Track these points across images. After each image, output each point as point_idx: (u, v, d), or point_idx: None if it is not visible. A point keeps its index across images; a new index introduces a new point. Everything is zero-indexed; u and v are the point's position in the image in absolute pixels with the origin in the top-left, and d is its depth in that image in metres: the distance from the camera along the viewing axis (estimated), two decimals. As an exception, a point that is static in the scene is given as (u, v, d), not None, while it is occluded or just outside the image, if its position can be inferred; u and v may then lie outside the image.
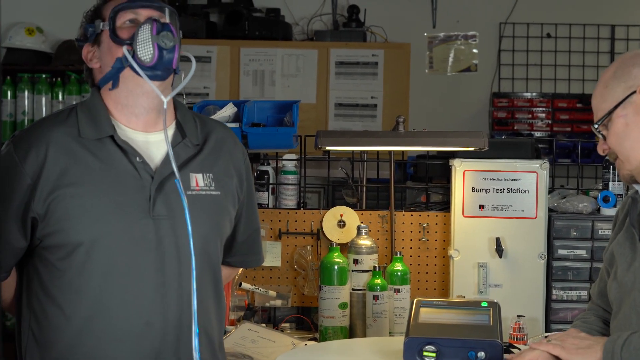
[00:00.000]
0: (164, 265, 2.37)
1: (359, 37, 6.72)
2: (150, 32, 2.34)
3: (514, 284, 3.56)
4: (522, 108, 6.86)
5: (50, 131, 2.40)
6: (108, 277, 2.35)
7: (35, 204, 2.34)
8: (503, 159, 3.59)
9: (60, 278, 2.37)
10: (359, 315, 3.50)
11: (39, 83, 6.52)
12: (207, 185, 2.46)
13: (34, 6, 6.79)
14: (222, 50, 6.64)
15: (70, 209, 2.34)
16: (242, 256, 2.73)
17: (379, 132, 4.51)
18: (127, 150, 2.38)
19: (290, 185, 3.80)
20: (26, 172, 2.34)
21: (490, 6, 6.95)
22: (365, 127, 6.60)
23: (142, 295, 2.37)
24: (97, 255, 2.34)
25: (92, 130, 2.39)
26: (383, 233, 3.70)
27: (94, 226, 2.34)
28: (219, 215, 2.50)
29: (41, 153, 2.36)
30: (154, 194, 2.37)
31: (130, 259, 2.36)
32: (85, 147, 2.38)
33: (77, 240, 2.34)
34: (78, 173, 2.35)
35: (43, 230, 2.36)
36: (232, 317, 3.58)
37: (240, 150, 2.61)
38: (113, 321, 2.36)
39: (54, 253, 2.37)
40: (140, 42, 2.34)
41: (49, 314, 2.39)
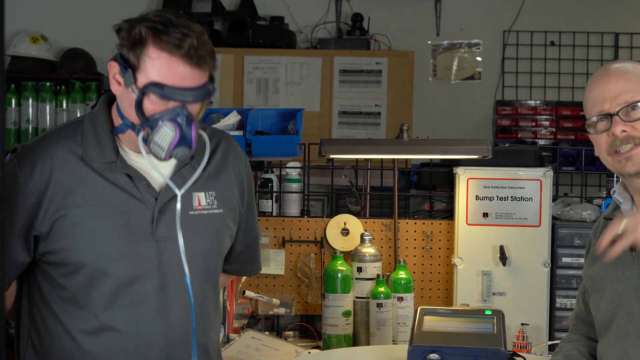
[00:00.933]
0: (166, 286, 2.38)
1: (363, 45, 6.73)
2: (169, 143, 2.25)
3: (518, 292, 3.56)
4: (526, 116, 6.86)
5: (55, 148, 2.36)
6: (110, 297, 2.35)
7: (39, 222, 2.33)
8: (507, 167, 3.59)
9: (61, 293, 2.37)
10: (362, 323, 3.50)
11: (43, 91, 6.54)
12: (209, 204, 2.45)
13: (39, 14, 6.81)
14: (226, 58, 6.65)
15: (74, 230, 2.33)
16: (240, 265, 2.73)
17: (383, 140, 4.52)
18: (132, 175, 2.37)
19: (294, 193, 3.80)
20: (31, 190, 2.32)
21: (494, 14, 6.96)
22: (369, 135, 6.60)
23: (145, 316, 2.37)
24: (100, 276, 2.34)
25: (97, 154, 2.36)
26: (387, 241, 3.70)
27: (98, 248, 2.33)
28: (221, 233, 2.50)
29: (46, 171, 2.33)
30: (157, 216, 2.37)
31: (133, 281, 2.36)
32: (90, 167, 2.35)
33: (80, 261, 2.34)
34: (83, 194, 2.33)
35: (45, 248, 2.35)
36: (236, 325, 3.58)
37: (242, 161, 2.59)
38: (114, 339, 2.36)
39: (56, 269, 2.37)
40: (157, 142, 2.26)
41: (49, 326, 2.39)
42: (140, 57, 2.25)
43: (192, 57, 2.23)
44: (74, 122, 2.45)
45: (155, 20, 2.26)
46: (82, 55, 6.64)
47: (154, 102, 2.25)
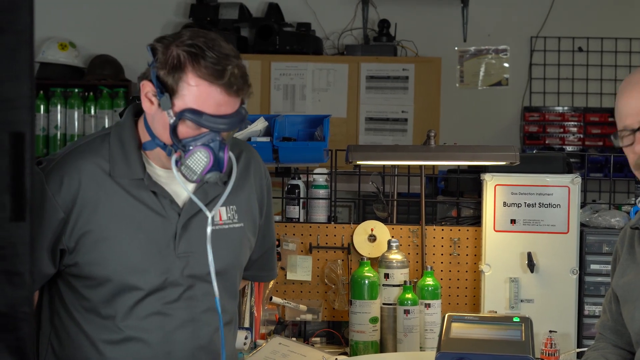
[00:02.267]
0: (187, 300, 2.40)
1: (390, 51, 6.73)
2: (202, 168, 2.26)
3: (546, 299, 3.54)
4: (554, 122, 6.84)
5: (82, 163, 2.37)
6: (134, 310, 2.37)
7: (66, 237, 2.35)
8: (534, 174, 3.57)
9: (84, 304, 2.39)
10: (389, 329, 3.49)
11: (71, 97, 6.58)
12: (230, 218, 2.47)
13: (67, 21, 6.85)
14: (253, 64, 6.67)
15: (99, 245, 2.35)
16: (256, 271, 2.75)
17: (410, 147, 4.51)
18: (157, 192, 2.38)
19: (320, 199, 3.80)
20: (59, 205, 2.33)
21: (521, 20, 6.94)
22: (396, 141, 6.59)
23: (168, 327, 2.39)
24: (124, 290, 2.37)
25: (124, 170, 2.37)
26: (414, 247, 3.69)
27: (123, 264, 2.35)
28: (241, 247, 2.52)
29: (73, 186, 2.34)
30: (180, 232, 2.38)
31: (157, 295, 2.38)
32: (116, 182, 2.37)
33: (105, 276, 2.36)
34: (109, 210, 2.35)
35: (71, 261, 2.37)
36: (263, 331, 3.58)
37: (262, 172, 2.60)
38: (138, 351, 2.38)
39: (80, 281, 2.39)
40: (190, 166, 2.27)
41: (71, 334, 2.41)
42: (178, 83, 2.23)
43: (232, 86, 2.24)
44: (101, 135, 2.44)
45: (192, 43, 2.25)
46: (109, 62, 6.68)
47: (189, 127, 2.25)
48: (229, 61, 2.24)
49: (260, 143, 3.56)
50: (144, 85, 2.29)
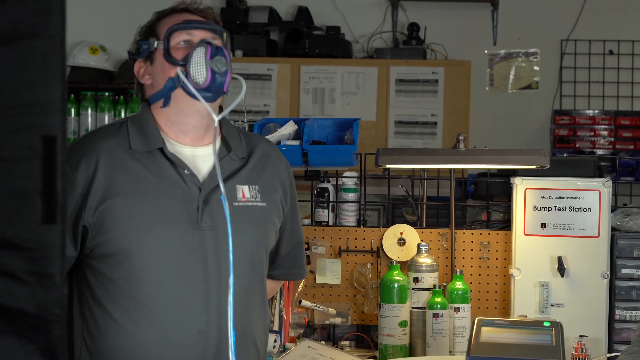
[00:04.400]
0: (213, 275, 2.40)
1: (419, 54, 6.72)
2: (204, 55, 2.39)
3: (576, 303, 3.52)
4: (584, 126, 6.80)
5: (101, 142, 2.44)
6: (159, 286, 2.38)
7: (86, 213, 2.37)
8: (565, 177, 3.55)
9: (111, 287, 2.40)
10: (419, 333, 3.49)
11: (101, 101, 6.61)
12: (253, 196, 2.50)
13: (97, 25, 6.89)
14: (282, 68, 6.68)
15: (119, 218, 2.37)
16: (286, 269, 2.75)
17: (440, 150, 4.50)
18: (176, 162, 2.43)
19: (350, 202, 3.80)
20: (78, 181, 2.38)
21: (551, 23, 6.91)
22: (426, 144, 6.58)
23: (194, 305, 2.39)
24: (148, 265, 2.37)
25: (142, 143, 2.44)
26: (443, 251, 3.68)
27: (144, 235, 2.37)
28: (265, 226, 2.53)
29: (92, 163, 2.39)
30: (202, 206, 2.40)
31: (181, 269, 2.39)
32: (135, 158, 2.42)
33: (127, 249, 2.37)
34: (127, 183, 2.39)
35: (93, 240, 2.39)
36: (292, 334, 3.58)
37: (283, 163, 2.65)
38: (165, 330, 2.38)
39: (104, 262, 2.40)
40: (194, 64, 2.39)
41: (101, 324, 2.42)
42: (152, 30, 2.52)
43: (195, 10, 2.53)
44: (119, 121, 2.54)
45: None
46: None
47: (179, 48, 2.44)
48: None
49: (290, 146, 3.56)
50: (135, 66, 2.55)
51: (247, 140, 2.58)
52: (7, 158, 1.41)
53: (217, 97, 2.43)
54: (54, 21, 1.38)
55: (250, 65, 6.62)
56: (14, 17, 1.38)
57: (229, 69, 2.41)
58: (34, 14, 1.37)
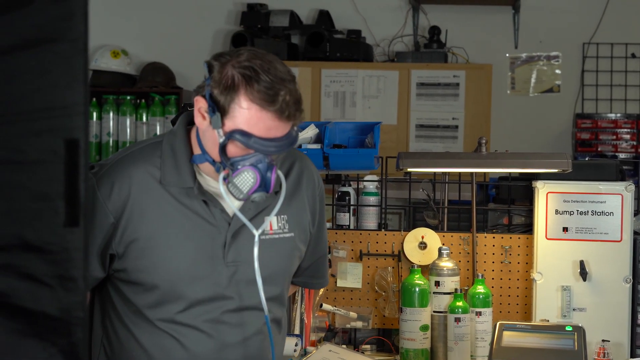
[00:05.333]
0: (238, 308, 2.41)
1: (440, 58, 6.71)
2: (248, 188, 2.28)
3: (599, 308, 3.50)
4: (606, 129, 6.77)
5: (133, 170, 2.39)
6: (183, 317, 2.39)
7: (116, 243, 2.37)
8: (587, 181, 3.54)
9: (134, 310, 2.42)
10: (440, 337, 3.48)
11: (123, 104, 6.64)
12: (280, 228, 2.48)
13: (119, 30, 6.92)
14: (303, 71, 6.68)
15: (148, 252, 2.37)
16: (307, 278, 2.75)
17: (461, 154, 4.49)
18: (208, 201, 2.40)
19: (371, 206, 3.79)
20: (109, 210, 2.36)
21: (573, 26, 6.88)
22: (447, 148, 6.57)
23: (217, 335, 2.41)
24: (172, 298, 2.38)
25: (174, 179, 2.38)
26: (465, 255, 3.67)
27: (171, 271, 2.37)
28: (290, 256, 2.53)
29: (124, 193, 2.36)
30: (229, 241, 2.40)
31: (205, 303, 2.40)
32: (167, 190, 2.39)
33: (153, 283, 2.38)
34: (158, 217, 2.37)
35: (120, 266, 2.40)
36: (313, 338, 3.58)
37: (315, 181, 2.60)
38: (187, 353, 2.40)
39: (129, 287, 2.41)
40: (237, 185, 2.28)
41: (121, 337, 2.44)
42: (230, 104, 2.24)
43: (283, 112, 2.24)
44: (153, 142, 2.46)
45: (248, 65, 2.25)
46: (161, 69, 6.73)
47: (238, 147, 2.26)
48: (282, 86, 2.24)
49: (311, 150, 3.56)
50: (198, 101, 2.31)
51: (283, 158, 2.51)
52: (30, 161, 1.41)
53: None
54: (77, 25, 1.38)
55: (271, 69, 6.62)
56: (37, 21, 1.38)
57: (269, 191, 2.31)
58: (57, 18, 1.38)
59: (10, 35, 1.39)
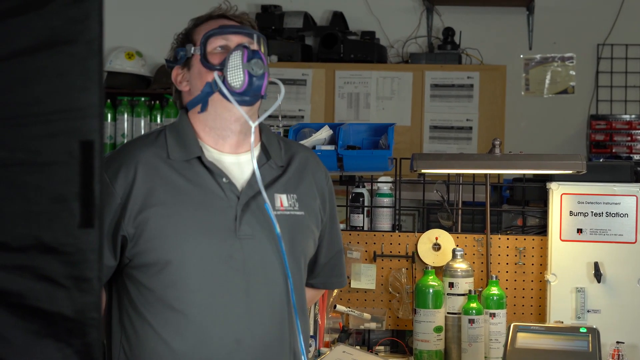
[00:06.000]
0: (251, 284, 2.40)
1: (454, 59, 6.70)
2: (241, 59, 2.39)
3: (613, 309, 3.50)
4: (621, 130, 6.75)
5: (139, 152, 2.44)
6: (197, 294, 2.38)
7: (125, 223, 2.38)
8: (601, 183, 3.53)
9: (150, 296, 2.41)
10: (454, 339, 3.48)
11: (138, 106, 6.65)
12: (291, 205, 2.49)
13: (134, 31, 6.93)
14: (317, 73, 6.68)
15: (158, 228, 2.37)
16: (325, 278, 2.74)
17: (475, 155, 4.49)
18: (214, 171, 2.42)
19: (385, 207, 3.79)
20: (116, 191, 2.38)
21: (587, 27, 6.86)
22: (461, 149, 6.56)
23: (232, 313, 2.39)
24: (186, 274, 2.38)
25: (180, 152, 2.44)
26: (479, 256, 3.67)
27: (182, 245, 2.38)
28: (303, 235, 2.52)
29: (130, 173, 2.40)
30: (240, 214, 2.40)
31: (219, 278, 2.39)
32: (173, 168, 2.42)
33: (166, 259, 2.38)
34: (166, 193, 2.39)
35: (132, 250, 2.40)
36: (327, 339, 3.59)
37: (322, 172, 2.63)
38: (203, 338, 2.39)
39: (143, 271, 2.41)
40: (231, 68, 2.39)
41: (140, 332, 2.43)
42: (190, 37, 2.53)
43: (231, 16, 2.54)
44: (157, 130, 2.55)
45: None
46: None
47: (216, 53, 2.45)
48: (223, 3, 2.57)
49: (325, 151, 3.57)
50: (173, 73, 2.55)
51: (286, 147, 2.58)
52: (46, 163, 1.42)
53: (254, 101, 2.43)
54: (92, 27, 1.39)
55: (285, 70, 6.63)
56: (52, 23, 1.39)
57: (266, 71, 2.41)
58: (72, 20, 1.39)
59: (25, 37, 1.39)
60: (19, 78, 1.40)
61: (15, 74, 1.40)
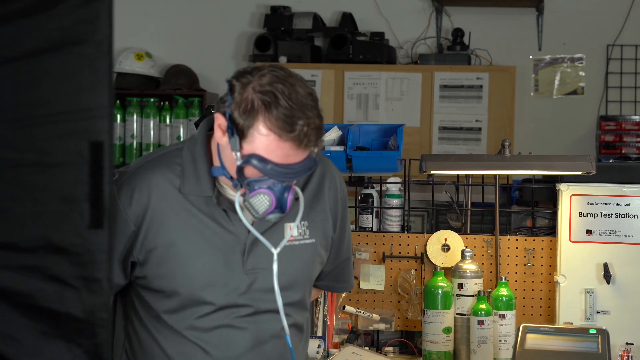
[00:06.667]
0: (257, 316, 2.42)
1: (464, 60, 6.69)
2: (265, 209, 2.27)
3: (623, 311, 3.49)
4: (631, 131, 6.73)
5: (153, 177, 2.39)
6: (204, 323, 2.40)
7: (137, 250, 2.37)
8: (611, 183, 3.52)
9: (155, 315, 2.43)
10: (463, 340, 3.47)
11: (147, 107, 6.66)
12: (301, 234, 2.47)
13: (143, 32, 6.94)
14: (326, 74, 6.68)
15: (167, 259, 2.37)
16: (330, 282, 2.73)
17: (484, 156, 4.48)
18: (228, 210, 2.39)
19: (394, 208, 3.79)
20: (130, 218, 2.36)
21: (597, 28, 6.85)
22: (470, 150, 6.55)
23: (237, 342, 2.41)
24: (193, 305, 2.39)
25: (194, 187, 2.38)
26: (488, 257, 3.67)
27: (191, 279, 2.38)
28: (311, 263, 2.51)
29: (143, 200, 2.37)
30: (248, 249, 2.39)
31: (225, 309, 2.40)
32: (186, 198, 2.38)
33: (174, 290, 2.38)
34: (178, 225, 2.37)
35: (141, 273, 2.41)
36: (336, 340, 3.58)
37: (337, 185, 2.58)
38: (208, 358, 2.40)
39: (150, 293, 2.42)
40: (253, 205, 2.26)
41: (143, 342, 2.45)
42: (249, 128, 2.21)
43: (301, 141, 2.21)
44: (173, 150, 2.46)
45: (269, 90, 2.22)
46: (185, 72, 6.75)
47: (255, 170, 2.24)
48: (302, 114, 2.20)
49: (334, 152, 3.56)
50: (217, 118, 2.28)
51: None
52: (55, 163, 1.42)
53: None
54: (102, 28, 1.39)
55: (294, 71, 6.61)
56: (62, 24, 1.39)
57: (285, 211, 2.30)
58: (82, 20, 1.39)
59: (36, 37, 1.40)
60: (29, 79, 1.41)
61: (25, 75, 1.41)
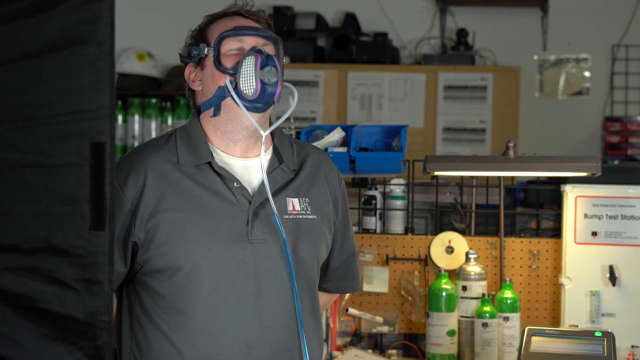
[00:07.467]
0: (262, 289, 2.39)
1: (468, 60, 6.68)
2: (254, 66, 2.37)
3: (628, 313, 3.47)
4: (636, 132, 6.71)
5: (149, 157, 2.42)
6: (209, 300, 2.37)
7: (136, 229, 2.36)
8: (616, 185, 3.51)
9: (161, 302, 2.39)
10: (467, 343, 3.46)
11: (148, 107, 6.65)
12: (303, 209, 2.47)
13: (145, 32, 6.93)
14: (329, 74, 6.67)
15: (169, 234, 2.36)
16: (338, 281, 2.71)
17: (488, 157, 4.46)
18: (225, 175, 2.41)
19: (398, 210, 3.77)
20: (126, 197, 2.37)
21: (602, 28, 6.83)
22: (474, 151, 6.54)
23: (244, 318, 2.38)
24: (198, 280, 2.36)
25: (190, 157, 2.42)
26: (492, 259, 3.65)
27: (194, 251, 2.36)
28: (316, 238, 2.50)
29: (140, 178, 2.38)
30: (252, 219, 2.39)
31: (230, 283, 2.37)
32: (184, 172, 2.40)
33: (177, 265, 2.36)
34: (176, 198, 2.38)
35: (143, 255, 2.38)
36: (339, 342, 3.57)
37: (335, 174, 2.61)
38: (215, 344, 2.37)
39: (155, 278, 2.39)
40: (244, 74, 2.37)
41: (150, 338, 2.41)
42: (205, 34, 2.49)
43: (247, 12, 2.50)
44: (167, 133, 2.53)
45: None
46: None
47: (230, 55, 2.41)
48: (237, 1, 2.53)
49: (337, 153, 3.55)
50: (186, 71, 2.52)
51: (298, 149, 2.56)
52: (56, 164, 1.41)
53: (266, 108, 2.41)
54: (103, 28, 1.38)
55: (297, 71, 6.62)
56: (63, 24, 1.38)
57: (279, 79, 2.39)
58: (84, 21, 1.38)
59: (37, 38, 1.38)
60: (30, 79, 1.39)
61: (26, 76, 1.39)
